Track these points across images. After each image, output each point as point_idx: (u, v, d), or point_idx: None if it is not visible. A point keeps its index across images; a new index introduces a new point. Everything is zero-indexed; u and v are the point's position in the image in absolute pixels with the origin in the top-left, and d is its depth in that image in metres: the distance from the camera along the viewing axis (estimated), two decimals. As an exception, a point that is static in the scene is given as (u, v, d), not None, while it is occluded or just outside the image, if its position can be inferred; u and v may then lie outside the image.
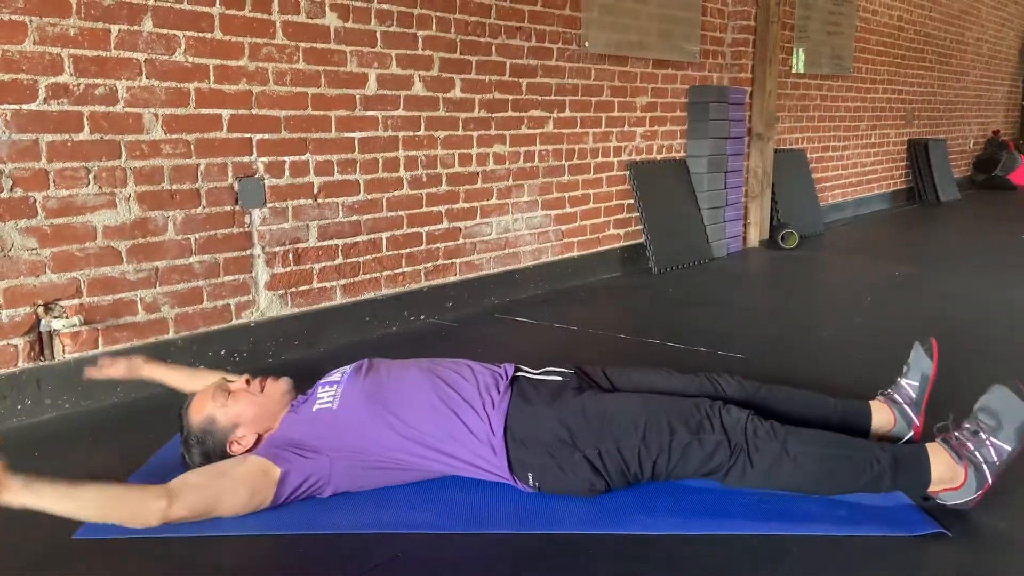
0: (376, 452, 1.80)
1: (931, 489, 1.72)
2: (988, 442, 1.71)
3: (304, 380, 2.07)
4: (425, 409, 1.82)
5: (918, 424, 2.02)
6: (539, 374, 1.97)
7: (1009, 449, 1.70)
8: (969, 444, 1.72)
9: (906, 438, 2.01)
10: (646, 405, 1.82)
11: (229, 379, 2.01)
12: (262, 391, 1.90)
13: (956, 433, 1.77)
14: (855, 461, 1.73)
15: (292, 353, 3.05)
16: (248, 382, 1.92)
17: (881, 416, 2.01)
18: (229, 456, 1.84)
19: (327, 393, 1.88)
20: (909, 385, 2.05)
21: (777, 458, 1.73)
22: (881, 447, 1.76)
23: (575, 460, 1.78)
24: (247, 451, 1.85)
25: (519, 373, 1.97)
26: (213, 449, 1.85)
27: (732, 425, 1.77)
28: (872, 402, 2.04)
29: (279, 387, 1.92)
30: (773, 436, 1.75)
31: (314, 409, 1.84)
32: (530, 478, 1.81)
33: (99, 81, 2.48)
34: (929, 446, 1.76)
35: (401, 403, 1.83)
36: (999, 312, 3.59)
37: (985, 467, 1.69)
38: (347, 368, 1.97)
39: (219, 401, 1.86)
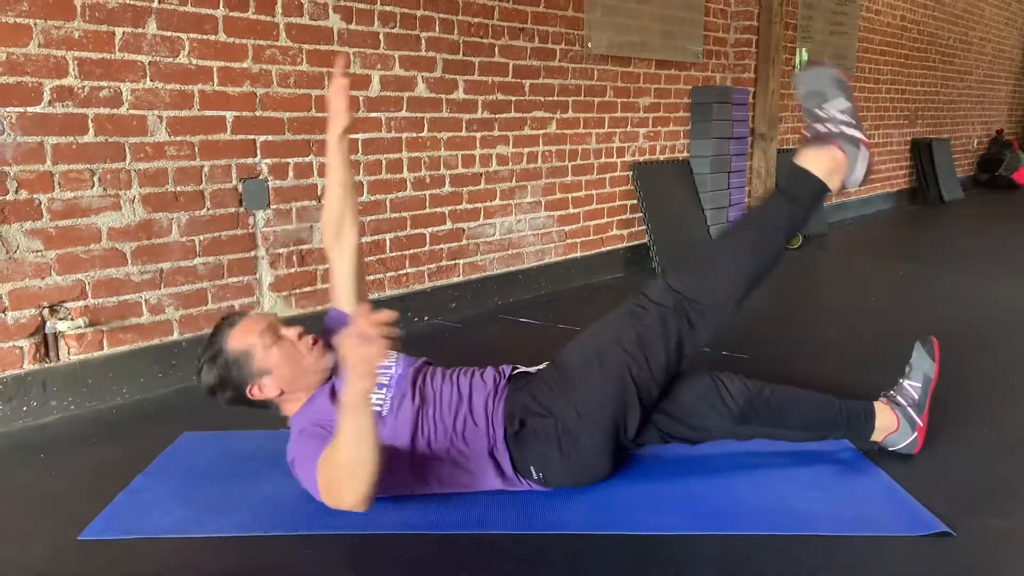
0: (410, 466, 1.80)
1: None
2: (836, 115, 1.89)
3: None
4: (456, 430, 1.83)
5: (921, 425, 2.01)
6: (535, 369, 1.98)
7: (860, 136, 1.85)
8: (821, 127, 1.88)
9: (908, 440, 2.01)
10: (590, 336, 1.87)
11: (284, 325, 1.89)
12: (309, 353, 1.83)
13: (808, 132, 1.91)
14: (767, 219, 1.86)
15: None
16: (300, 336, 1.84)
17: (884, 418, 2.01)
18: (244, 395, 1.80)
19: (375, 395, 1.82)
20: (911, 386, 2.05)
21: (706, 266, 1.83)
22: (778, 201, 1.88)
23: (559, 432, 1.78)
24: (266, 399, 1.82)
25: (516, 371, 1.98)
26: (232, 381, 1.80)
27: (660, 294, 1.83)
28: (875, 404, 2.04)
29: (325, 362, 1.85)
30: (693, 262, 1.87)
31: None
32: (533, 472, 1.82)
33: (104, 83, 2.49)
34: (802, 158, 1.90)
35: (437, 423, 1.83)
36: (1003, 311, 3.59)
37: (849, 131, 1.86)
38: (393, 365, 1.91)
39: (265, 341, 1.79)
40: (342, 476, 1.58)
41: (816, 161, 1.84)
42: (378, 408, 1.81)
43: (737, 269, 1.83)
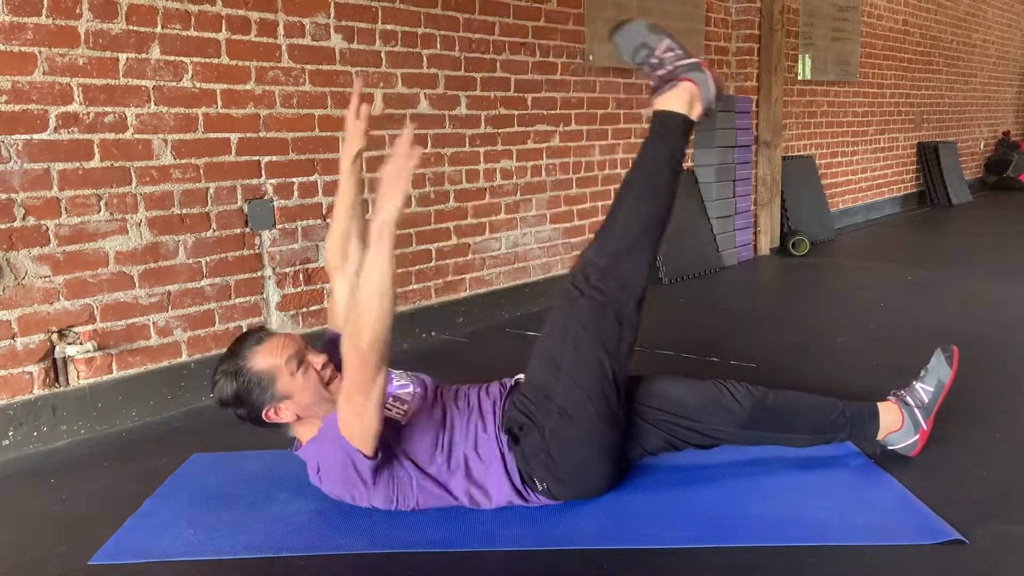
0: (430, 478, 1.81)
1: None
2: (667, 55, 1.94)
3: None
4: (469, 442, 1.84)
5: (925, 429, 2.00)
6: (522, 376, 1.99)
7: None
8: (661, 72, 1.93)
9: (909, 441, 2.00)
10: (544, 342, 1.91)
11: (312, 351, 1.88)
12: (329, 383, 1.82)
13: (653, 83, 1.97)
14: (646, 162, 1.91)
15: (304, 373, 3.06)
16: (324, 366, 1.84)
17: (889, 416, 2.00)
18: (259, 415, 1.79)
19: (395, 407, 1.85)
20: (923, 389, 2.04)
21: (609, 226, 1.90)
22: (652, 142, 1.92)
23: (547, 439, 1.78)
24: (280, 422, 1.82)
25: (517, 378, 1.99)
26: (250, 400, 1.77)
27: (582, 279, 1.92)
28: (882, 403, 2.03)
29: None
30: (600, 231, 1.93)
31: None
32: (537, 483, 1.82)
33: (108, 109, 2.52)
34: None
35: (455, 434, 1.85)
36: (1013, 314, 3.56)
37: (684, 62, 1.93)
38: (410, 384, 1.93)
39: (291, 367, 1.78)
40: (362, 317, 1.58)
41: (674, 100, 1.91)
42: (397, 417, 1.82)
43: (633, 214, 1.88)
